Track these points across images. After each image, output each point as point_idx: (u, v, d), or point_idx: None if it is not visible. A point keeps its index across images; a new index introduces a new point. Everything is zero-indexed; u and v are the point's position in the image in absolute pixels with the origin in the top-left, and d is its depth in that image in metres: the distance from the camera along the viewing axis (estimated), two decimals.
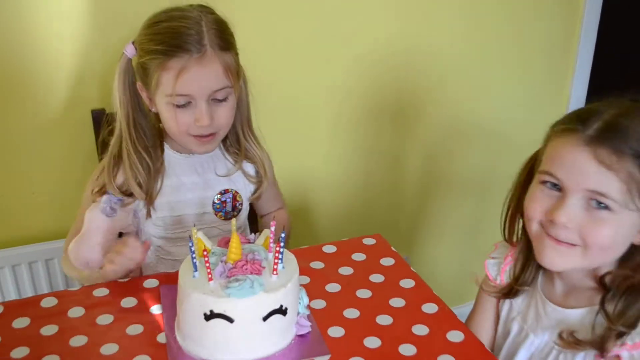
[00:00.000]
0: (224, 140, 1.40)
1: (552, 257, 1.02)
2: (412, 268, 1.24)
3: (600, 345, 0.98)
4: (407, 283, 1.20)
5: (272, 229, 1.05)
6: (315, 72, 1.83)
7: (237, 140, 1.39)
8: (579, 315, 1.05)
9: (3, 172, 1.63)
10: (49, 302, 1.16)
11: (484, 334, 1.23)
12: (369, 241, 1.33)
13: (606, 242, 0.98)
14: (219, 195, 1.39)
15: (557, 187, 1.00)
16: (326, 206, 2.00)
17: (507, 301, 1.19)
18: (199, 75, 1.22)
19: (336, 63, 1.84)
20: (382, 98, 1.94)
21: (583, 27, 2.14)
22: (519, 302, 1.16)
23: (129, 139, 1.30)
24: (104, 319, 1.11)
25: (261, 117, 1.44)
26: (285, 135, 1.84)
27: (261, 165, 1.42)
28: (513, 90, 2.13)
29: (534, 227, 1.05)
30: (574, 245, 0.99)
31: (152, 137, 1.34)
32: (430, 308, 1.13)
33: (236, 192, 1.41)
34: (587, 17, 2.13)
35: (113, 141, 1.33)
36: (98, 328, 1.09)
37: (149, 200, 1.34)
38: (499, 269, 1.20)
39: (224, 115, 1.29)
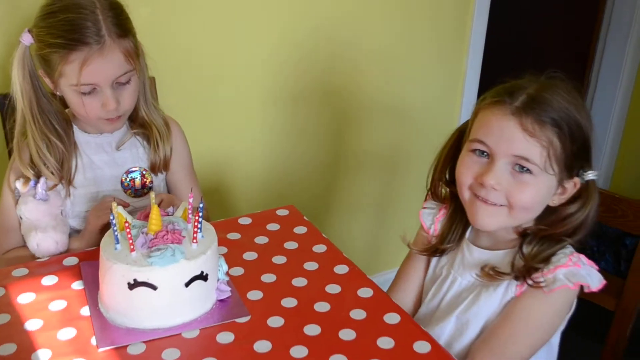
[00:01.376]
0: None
1: (483, 217, 1.13)
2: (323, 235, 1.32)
3: (519, 275, 1.12)
4: (320, 248, 1.28)
5: (190, 200, 1.11)
6: (241, 48, 1.88)
7: (136, 114, 1.43)
8: (501, 255, 1.18)
9: None
10: None
11: (409, 293, 1.33)
12: (282, 212, 1.41)
13: (528, 203, 1.11)
14: (125, 175, 1.43)
15: (486, 154, 1.12)
16: (242, 183, 2.06)
17: None
18: (101, 66, 1.25)
19: (263, 40, 1.90)
20: (302, 78, 2.02)
21: (475, 8, 2.28)
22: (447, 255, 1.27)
23: (35, 126, 1.32)
24: (26, 297, 1.13)
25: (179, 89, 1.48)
26: (205, 108, 1.89)
27: (156, 133, 1.44)
28: (418, 77, 2.25)
29: (466, 194, 1.15)
30: (501, 205, 1.11)
31: (59, 120, 1.37)
32: (341, 269, 1.21)
33: (145, 169, 1.44)
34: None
35: (17, 129, 1.34)
36: (20, 306, 1.11)
37: (67, 180, 1.36)
38: (433, 218, 1.30)
39: (128, 97, 1.33)
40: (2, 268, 1.24)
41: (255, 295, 1.13)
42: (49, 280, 1.18)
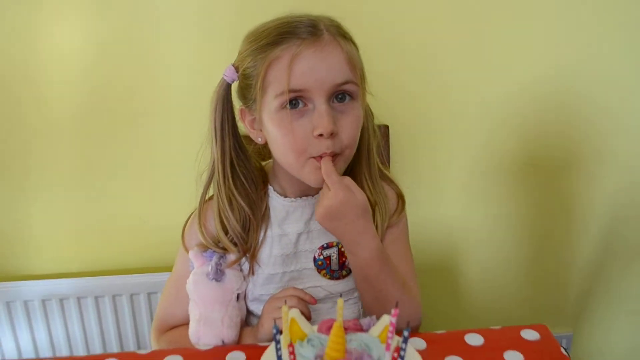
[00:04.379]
0: None
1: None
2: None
3: None
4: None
5: (393, 318, 0.74)
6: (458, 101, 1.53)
7: (356, 179, 1.05)
8: None
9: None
10: None
11: None
12: (530, 335, 0.98)
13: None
14: (319, 250, 1.10)
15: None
16: (470, 270, 1.66)
17: None
18: (315, 63, 0.94)
19: (486, 91, 1.53)
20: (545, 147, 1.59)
21: None
22: None
23: (223, 182, 1.05)
24: None
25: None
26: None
27: (374, 209, 1.08)
28: None
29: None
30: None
31: (253, 177, 1.08)
32: None
33: (342, 245, 1.09)
34: None
35: (205, 184, 1.07)
36: None
37: (251, 255, 1.07)
38: None
39: (348, 126, 0.98)
40: (158, 350, 0.98)
41: None
42: None
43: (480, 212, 1.65)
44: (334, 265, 1.09)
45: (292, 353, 0.68)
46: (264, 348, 0.85)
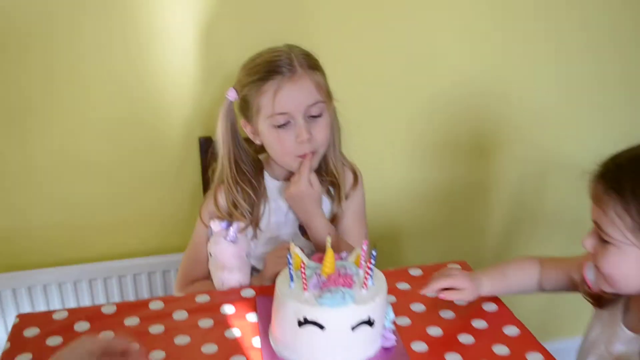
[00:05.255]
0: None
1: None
2: None
3: None
4: (490, 307, 1.26)
5: (364, 247, 1.14)
6: (396, 102, 1.93)
7: (326, 164, 1.49)
8: None
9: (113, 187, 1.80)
10: (156, 305, 1.28)
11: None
12: (453, 267, 1.39)
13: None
14: None
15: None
16: (409, 229, 2.08)
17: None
18: (292, 92, 1.35)
19: (417, 95, 1.94)
20: (460, 133, 2.02)
21: None
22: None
23: (230, 174, 1.45)
24: (205, 322, 1.22)
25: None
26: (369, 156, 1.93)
27: (338, 186, 1.50)
28: (597, 129, 2.13)
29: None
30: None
31: (253, 169, 1.48)
32: (511, 330, 1.18)
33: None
34: None
35: (217, 174, 1.48)
36: (200, 330, 1.20)
37: (255, 224, 1.47)
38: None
39: (321, 130, 1.40)
40: (188, 294, 1.35)
41: (419, 346, 1.13)
42: (227, 309, 1.26)
43: (416, 182, 2.05)
44: None
45: (302, 268, 1.07)
46: (268, 286, 1.25)
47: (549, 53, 1.98)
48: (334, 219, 1.50)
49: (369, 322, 1.07)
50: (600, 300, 1.17)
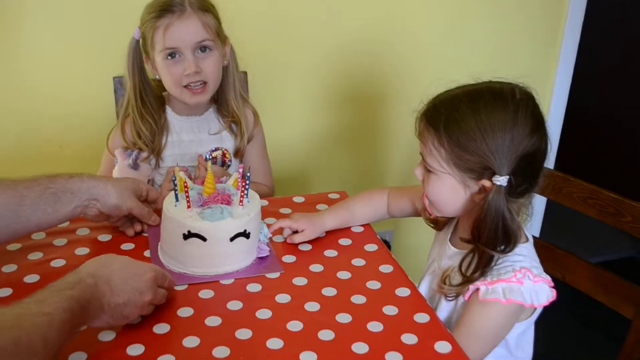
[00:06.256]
0: (218, 106, 1.67)
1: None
2: None
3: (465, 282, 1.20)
4: (357, 228, 1.44)
5: (240, 171, 1.30)
6: (302, 50, 2.09)
7: (227, 104, 1.65)
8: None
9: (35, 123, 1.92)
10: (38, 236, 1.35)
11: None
12: (333, 196, 1.58)
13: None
14: (209, 153, 1.66)
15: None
16: (313, 169, 2.27)
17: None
18: (180, 29, 1.51)
19: (321, 43, 2.11)
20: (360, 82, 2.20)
21: (567, 23, 2.35)
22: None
23: (135, 105, 1.60)
24: (105, 238, 1.36)
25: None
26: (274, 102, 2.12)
27: (240, 123, 1.67)
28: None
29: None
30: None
31: (155, 103, 1.64)
32: (386, 268, 1.30)
33: (226, 150, 1.67)
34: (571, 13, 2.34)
35: (124, 107, 1.63)
36: (100, 244, 1.34)
37: (157, 153, 1.62)
38: None
39: (209, 65, 1.56)
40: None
41: (290, 258, 1.31)
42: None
43: (321, 132, 2.24)
44: (219, 163, 1.67)
45: (186, 189, 1.22)
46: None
47: None
48: (237, 153, 1.68)
49: (245, 234, 1.24)
50: (437, 223, 1.37)
